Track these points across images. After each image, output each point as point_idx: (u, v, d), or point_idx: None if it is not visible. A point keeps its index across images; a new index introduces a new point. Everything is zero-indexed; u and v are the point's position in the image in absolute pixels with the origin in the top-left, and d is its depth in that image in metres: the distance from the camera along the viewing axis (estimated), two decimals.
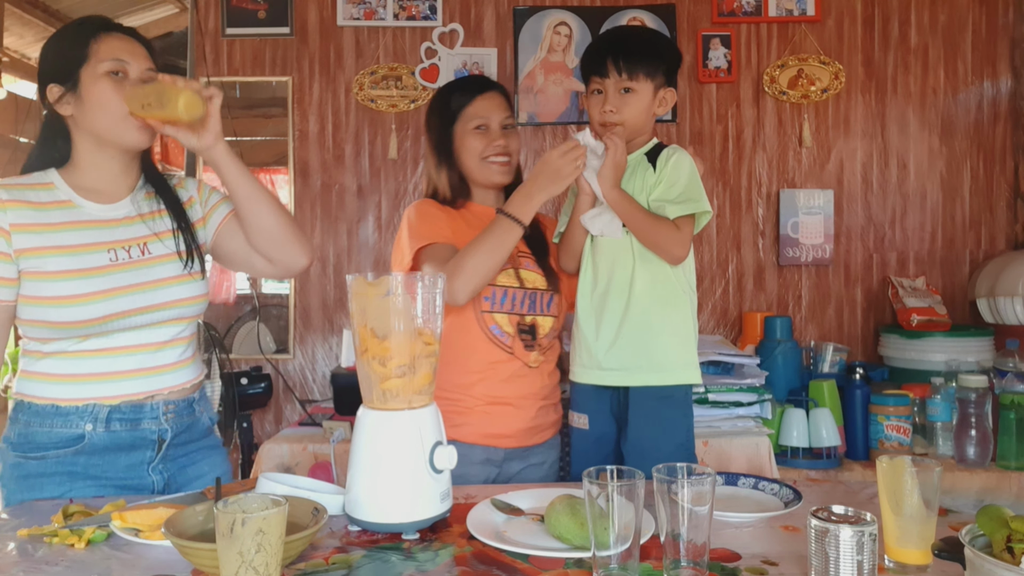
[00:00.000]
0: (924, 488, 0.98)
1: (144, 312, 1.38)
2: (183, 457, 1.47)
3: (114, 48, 1.38)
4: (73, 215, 1.38)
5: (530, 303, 1.68)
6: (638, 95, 1.61)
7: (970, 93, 3.13)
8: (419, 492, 1.15)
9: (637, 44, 1.64)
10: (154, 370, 1.41)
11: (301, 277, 3.16)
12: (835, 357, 2.86)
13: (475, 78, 1.81)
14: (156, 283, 1.40)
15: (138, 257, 1.40)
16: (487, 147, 1.68)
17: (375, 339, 1.17)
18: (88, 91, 1.35)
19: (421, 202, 1.72)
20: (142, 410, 1.40)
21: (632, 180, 1.64)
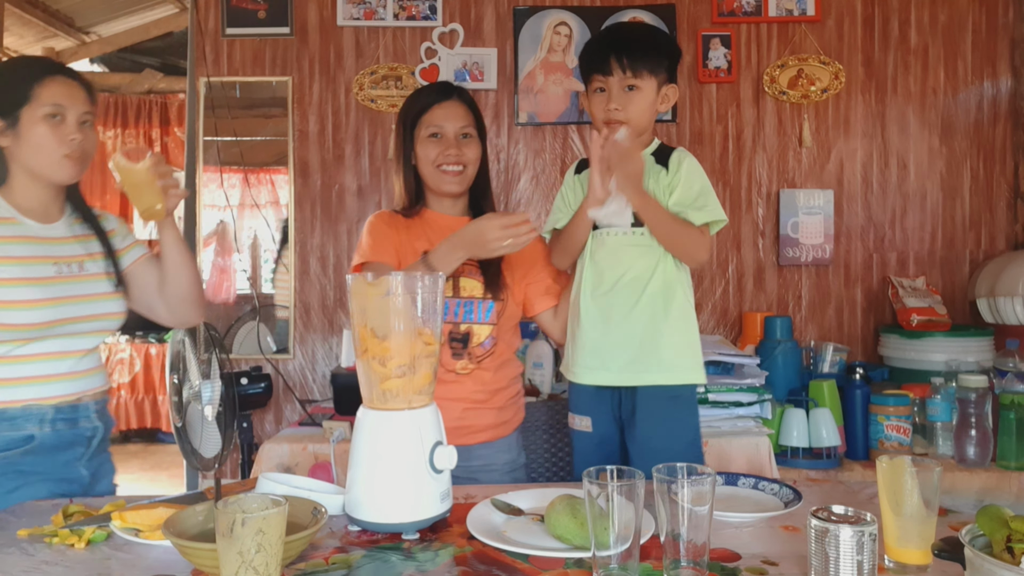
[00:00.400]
0: (924, 488, 0.98)
1: (81, 321, 1.52)
2: (100, 455, 1.61)
3: (55, 93, 1.49)
4: (18, 230, 1.50)
5: (465, 312, 1.69)
6: (642, 92, 1.61)
7: (970, 93, 3.13)
8: (419, 492, 1.15)
9: (640, 41, 1.63)
10: (82, 373, 1.54)
11: (301, 277, 3.16)
12: (835, 357, 2.86)
13: (439, 85, 1.79)
14: (92, 296, 1.55)
15: (77, 272, 1.54)
16: (439, 155, 1.69)
17: (375, 339, 1.17)
18: (27, 131, 1.48)
19: (377, 215, 1.76)
20: (78, 410, 1.52)
21: (646, 184, 1.62)
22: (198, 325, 1.65)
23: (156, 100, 6.19)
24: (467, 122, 1.72)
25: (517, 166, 3.16)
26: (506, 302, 1.74)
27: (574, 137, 3.14)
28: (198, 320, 1.67)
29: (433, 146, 1.70)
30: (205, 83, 3.14)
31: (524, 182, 3.16)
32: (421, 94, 1.77)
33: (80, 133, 1.51)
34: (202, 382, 1.55)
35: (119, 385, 5.46)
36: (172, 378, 1.56)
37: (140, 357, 5.48)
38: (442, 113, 1.71)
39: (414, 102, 1.75)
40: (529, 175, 3.16)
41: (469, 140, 1.72)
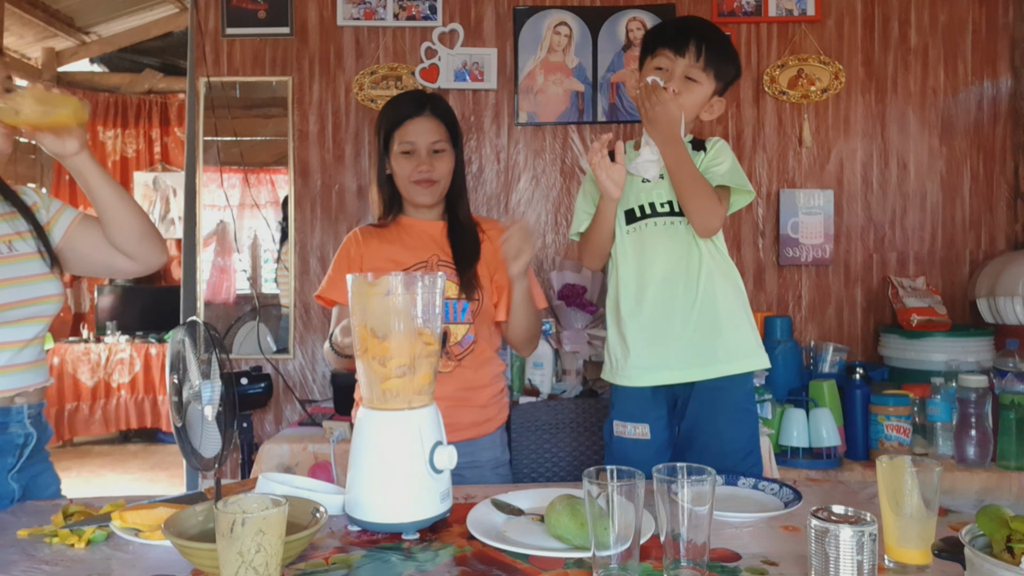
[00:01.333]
0: (924, 488, 0.98)
1: (14, 308, 1.40)
2: (33, 466, 1.47)
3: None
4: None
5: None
6: (701, 87, 1.61)
7: (970, 93, 3.13)
8: (419, 492, 1.15)
9: (720, 41, 1.64)
10: (19, 367, 1.42)
11: (301, 277, 3.16)
12: (835, 357, 2.86)
13: (412, 96, 1.80)
14: (23, 279, 1.42)
15: (6, 253, 1.41)
16: (413, 171, 1.74)
17: (375, 339, 1.17)
18: None
19: (347, 243, 1.83)
20: (9, 413, 1.40)
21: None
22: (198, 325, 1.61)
23: (156, 100, 6.19)
24: (439, 136, 1.76)
25: (517, 166, 3.16)
26: (481, 301, 1.77)
27: (574, 137, 3.14)
28: (163, 255, 1.56)
29: (406, 162, 1.75)
30: (205, 83, 3.14)
31: (524, 182, 3.16)
32: (395, 106, 1.79)
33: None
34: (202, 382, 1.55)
35: (119, 385, 5.46)
36: (172, 378, 1.55)
37: (140, 357, 5.49)
38: (414, 129, 1.75)
39: (388, 115, 1.78)
40: (529, 175, 3.16)
41: (441, 155, 1.76)
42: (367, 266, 1.77)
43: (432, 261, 1.77)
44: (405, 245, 1.79)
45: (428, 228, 1.82)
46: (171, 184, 6.09)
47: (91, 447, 5.64)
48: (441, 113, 1.79)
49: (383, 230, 1.82)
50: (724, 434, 1.58)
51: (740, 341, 1.60)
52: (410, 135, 1.75)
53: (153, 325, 5.66)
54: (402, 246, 1.78)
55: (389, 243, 1.79)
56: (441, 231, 1.82)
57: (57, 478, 1.54)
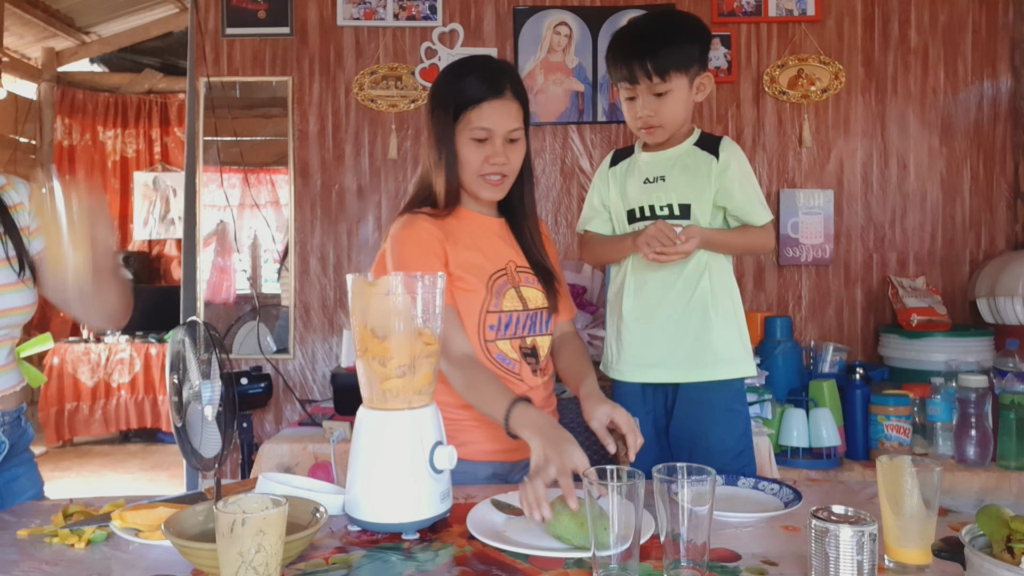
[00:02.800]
0: (924, 488, 0.98)
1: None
2: (8, 471, 1.39)
3: None
4: None
5: (531, 324, 1.56)
6: (674, 93, 1.57)
7: (970, 93, 3.13)
8: (419, 492, 1.15)
9: (663, 40, 1.55)
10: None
11: (301, 277, 3.17)
12: (835, 357, 2.86)
13: (490, 71, 1.48)
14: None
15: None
16: (484, 163, 1.48)
17: (375, 339, 1.17)
18: None
19: (414, 226, 1.50)
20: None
21: (695, 173, 1.61)
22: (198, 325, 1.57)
23: (156, 100, 6.19)
24: (518, 123, 1.49)
25: None
26: (558, 310, 1.64)
27: (574, 137, 3.14)
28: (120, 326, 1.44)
29: (477, 150, 1.47)
30: (205, 83, 3.14)
31: None
32: (468, 82, 1.47)
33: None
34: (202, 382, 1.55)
35: (119, 385, 5.46)
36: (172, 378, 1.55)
37: (140, 357, 5.48)
38: (492, 113, 1.46)
39: (458, 90, 1.47)
40: None
41: (516, 144, 1.50)
42: (453, 265, 1.49)
43: (511, 269, 1.54)
44: (480, 248, 1.53)
45: (493, 225, 1.58)
46: (171, 184, 6.10)
47: (91, 447, 5.64)
48: (520, 94, 1.51)
49: (446, 223, 1.52)
50: (711, 434, 1.60)
51: (729, 347, 1.62)
52: (486, 120, 1.45)
53: (153, 325, 5.65)
54: (477, 249, 1.52)
55: (465, 245, 1.52)
56: (502, 230, 1.60)
57: (38, 480, 1.45)
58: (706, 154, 1.61)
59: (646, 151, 1.69)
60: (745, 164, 1.62)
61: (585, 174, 3.15)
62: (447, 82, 1.51)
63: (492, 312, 1.51)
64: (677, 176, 1.61)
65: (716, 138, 1.64)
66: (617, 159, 1.73)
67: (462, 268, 1.49)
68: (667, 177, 1.62)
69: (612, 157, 1.74)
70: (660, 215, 1.62)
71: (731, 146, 1.63)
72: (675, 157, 1.64)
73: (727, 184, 1.60)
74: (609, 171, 1.72)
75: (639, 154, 1.70)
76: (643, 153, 1.69)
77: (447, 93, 1.49)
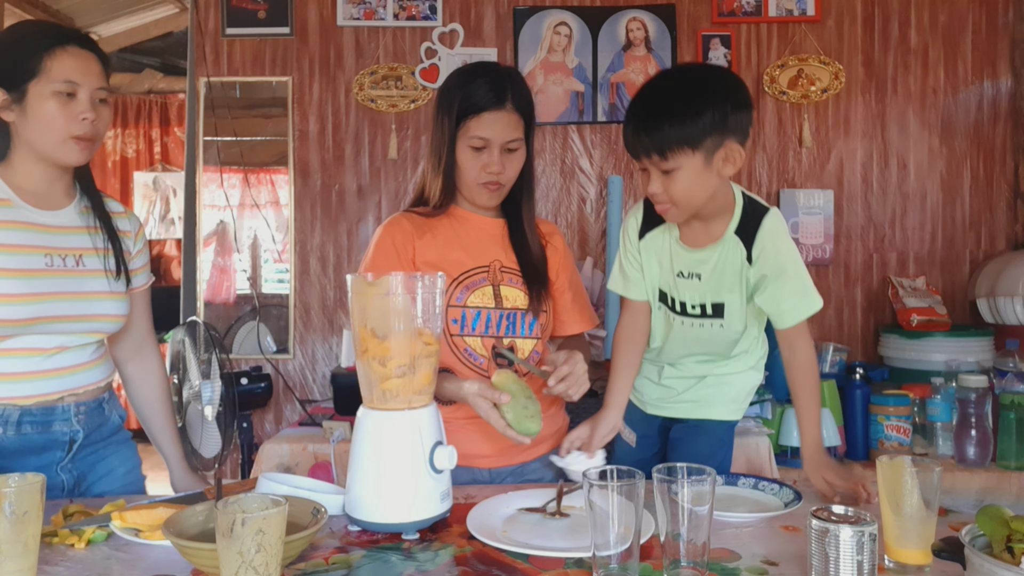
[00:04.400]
0: (924, 488, 0.98)
1: (70, 320, 1.39)
2: (92, 455, 1.48)
3: (67, 67, 1.34)
4: (11, 214, 1.37)
5: (508, 324, 1.54)
6: (683, 171, 1.32)
7: (970, 93, 3.13)
8: (419, 492, 1.15)
9: (667, 112, 1.31)
10: (68, 370, 1.41)
11: (301, 277, 3.17)
12: (835, 357, 2.86)
13: (492, 82, 1.49)
14: (87, 295, 1.41)
15: (72, 267, 1.40)
16: (480, 172, 1.50)
17: (375, 339, 1.17)
18: (34, 107, 1.34)
19: (389, 226, 1.56)
20: (53, 412, 1.40)
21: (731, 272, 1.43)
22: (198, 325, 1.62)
23: (156, 100, 6.19)
24: (517, 134, 1.51)
25: None
26: (549, 313, 1.61)
27: (574, 137, 3.14)
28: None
29: (474, 157, 1.50)
30: (205, 83, 3.14)
31: None
32: (471, 90, 1.49)
33: (93, 112, 1.36)
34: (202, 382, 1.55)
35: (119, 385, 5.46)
36: (172, 378, 1.55)
37: None
38: (490, 123, 1.48)
39: (461, 98, 1.49)
40: None
41: (515, 154, 1.52)
42: (420, 262, 1.53)
43: (494, 267, 1.55)
44: (463, 245, 1.55)
45: (486, 226, 1.59)
46: (171, 184, 6.09)
47: None
48: (522, 105, 1.52)
49: (433, 220, 1.56)
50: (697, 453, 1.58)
51: (738, 400, 1.62)
52: (485, 129, 1.48)
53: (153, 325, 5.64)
54: (460, 246, 1.55)
55: (445, 241, 1.55)
56: (500, 231, 1.60)
57: (130, 458, 1.55)
58: (743, 249, 1.40)
59: (684, 239, 1.47)
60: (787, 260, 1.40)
61: (585, 174, 3.15)
62: (452, 88, 1.52)
63: (454, 307, 1.51)
64: (713, 277, 1.44)
65: (758, 220, 1.40)
66: (646, 227, 1.51)
67: (428, 264, 1.52)
68: (703, 276, 1.45)
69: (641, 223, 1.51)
70: (692, 314, 1.50)
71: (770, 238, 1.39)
72: (712, 257, 1.43)
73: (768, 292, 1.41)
74: (640, 243, 1.51)
75: (672, 231, 1.48)
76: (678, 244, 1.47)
77: (451, 100, 1.51)
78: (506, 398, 1.32)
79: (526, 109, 1.53)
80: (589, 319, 1.69)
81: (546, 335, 1.62)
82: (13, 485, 0.93)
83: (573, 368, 1.37)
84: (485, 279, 1.54)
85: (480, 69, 1.54)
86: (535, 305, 1.56)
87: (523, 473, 1.59)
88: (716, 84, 1.33)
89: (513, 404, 1.32)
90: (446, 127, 1.51)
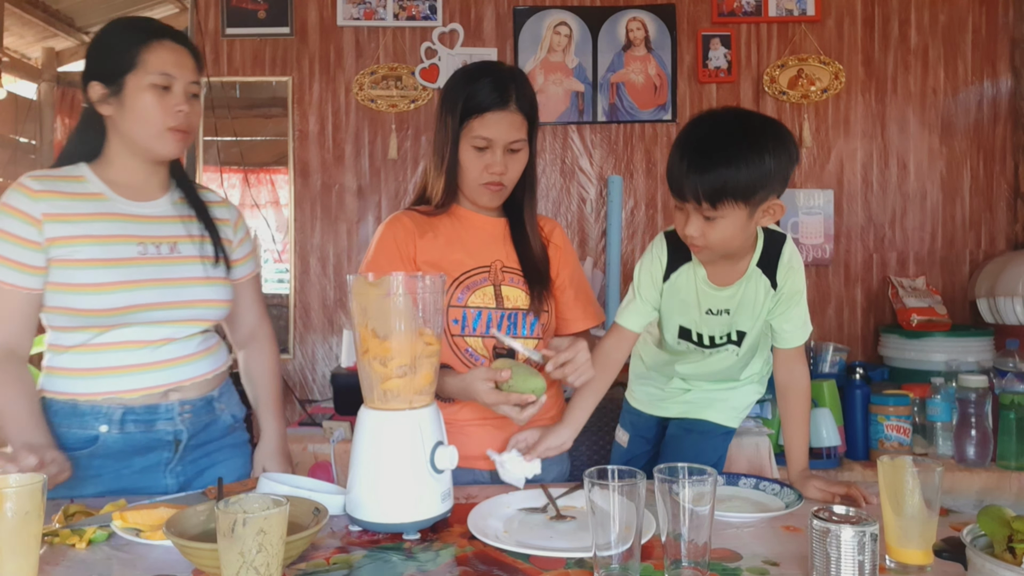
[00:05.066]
0: (925, 488, 0.98)
1: (167, 308, 1.39)
2: (203, 458, 1.47)
3: (163, 60, 1.37)
4: (105, 207, 1.39)
5: (510, 324, 1.53)
6: (726, 220, 1.30)
7: (970, 93, 3.13)
8: (420, 492, 1.15)
9: (724, 159, 1.26)
10: (172, 362, 1.41)
11: (301, 277, 3.16)
12: (835, 357, 2.86)
13: (495, 82, 1.48)
14: (182, 281, 1.42)
15: (167, 254, 1.41)
16: (483, 172, 1.49)
17: (376, 339, 1.17)
18: (131, 99, 1.37)
19: (391, 224, 1.56)
20: (156, 410, 1.40)
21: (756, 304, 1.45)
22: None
23: None
24: (520, 135, 1.50)
25: None
26: (550, 314, 1.60)
27: (574, 137, 3.14)
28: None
29: (477, 157, 1.49)
30: (205, 83, 3.14)
31: None
32: (474, 90, 1.48)
33: (187, 104, 1.39)
34: None
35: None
36: None
37: None
38: (494, 123, 1.47)
39: (465, 98, 1.48)
40: None
41: (517, 154, 1.52)
42: (421, 262, 1.52)
43: (495, 267, 1.55)
44: (464, 245, 1.55)
45: (488, 225, 1.58)
46: None
47: None
48: (525, 105, 1.50)
49: (435, 220, 1.56)
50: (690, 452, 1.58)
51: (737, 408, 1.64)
52: (488, 129, 1.47)
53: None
54: (461, 246, 1.54)
55: (447, 241, 1.54)
56: (502, 230, 1.59)
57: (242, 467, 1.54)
58: (766, 280, 1.43)
59: (712, 279, 1.46)
60: (800, 284, 1.45)
61: (585, 174, 3.15)
62: (455, 88, 1.52)
63: (455, 307, 1.51)
64: (740, 310, 1.46)
65: (777, 249, 1.43)
66: (671, 268, 1.48)
67: (429, 264, 1.52)
68: (731, 311, 1.47)
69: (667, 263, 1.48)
70: (720, 343, 1.52)
71: (790, 265, 1.43)
72: (739, 293, 1.45)
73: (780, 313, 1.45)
74: (664, 285, 1.49)
75: (699, 271, 1.46)
76: (707, 284, 1.47)
77: (454, 99, 1.50)
78: (506, 374, 1.32)
79: (530, 110, 1.52)
80: (594, 315, 1.68)
81: (548, 335, 1.61)
82: (14, 485, 0.93)
83: (575, 354, 1.37)
84: (486, 279, 1.54)
85: (484, 69, 1.53)
86: (536, 305, 1.55)
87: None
88: (777, 141, 1.30)
89: (514, 375, 1.33)
90: (449, 126, 1.51)
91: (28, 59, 5.68)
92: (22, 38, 5.31)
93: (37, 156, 5.78)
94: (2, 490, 0.91)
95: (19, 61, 5.52)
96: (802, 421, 1.47)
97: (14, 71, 5.38)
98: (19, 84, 5.56)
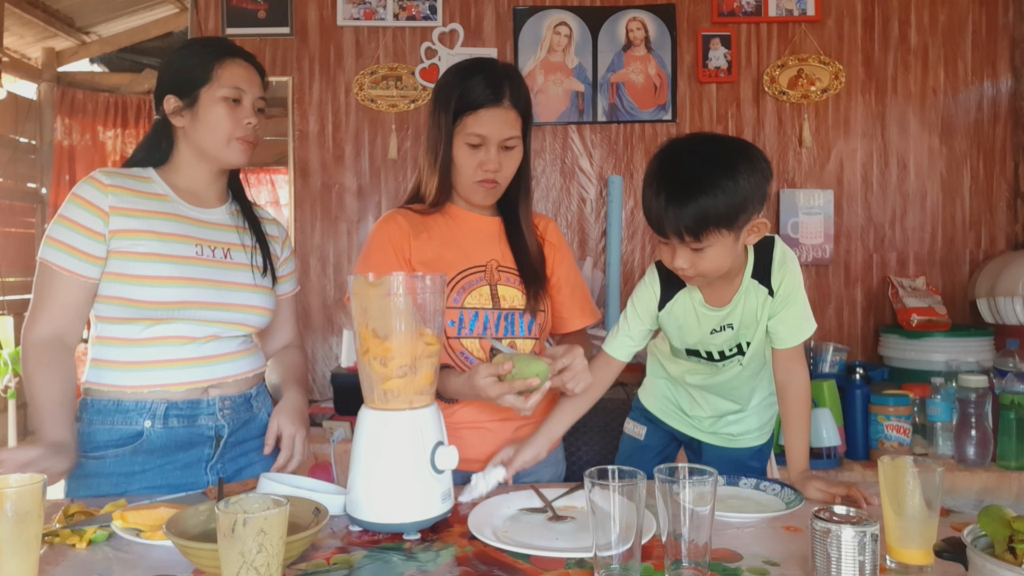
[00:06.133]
0: (926, 488, 0.98)
1: (216, 308, 1.45)
2: (241, 456, 1.52)
3: (235, 75, 1.49)
4: (168, 207, 1.47)
5: (507, 325, 1.52)
6: (714, 248, 1.30)
7: (970, 93, 3.13)
8: (420, 492, 1.15)
9: (699, 190, 1.26)
10: (215, 358, 1.47)
11: (301, 277, 3.16)
12: (835, 357, 2.86)
13: (489, 78, 1.47)
14: (232, 285, 1.48)
15: (221, 258, 1.49)
16: (477, 170, 1.48)
17: (376, 339, 1.17)
18: (204, 111, 1.46)
19: (384, 224, 1.55)
20: (199, 406, 1.45)
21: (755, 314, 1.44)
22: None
23: None
24: (514, 132, 1.48)
25: None
26: (546, 313, 1.59)
27: (574, 137, 3.14)
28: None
29: (471, 155, 1.48)
30: None
31: None
32: (468, 87, 1.47)
33: (255, 118, 1.51)
34: None
35: None
36: None
37: None
38: (488, 120, 1.46)
39: (458, 95, 1.47)
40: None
41: (511, 152, 1.50)
42: (416, 262, 1.51)
43: (491, 267, 1.54)
44: (459, 245, 1.54)
45: (482, 224, 1.58)
46: None
47: None
48: (519, 102, 1.49)
49: (429, 219, 1.55)
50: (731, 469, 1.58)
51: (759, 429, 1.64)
52: (482, 127, 1.46)
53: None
54: (456, 246, 1.54)
55: (441, 241, 1.54)
56: (497, 229, 1.59)
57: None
58: (763, 289, 1.43)
59: (709, 301, 1.46)
60: (797, 283, 1.43)
61: (585, 174, 3.15)
62: (448, 85, 1.50)
63: (452, 308, 1.50)
64: (743, 322, 1.46)
65: (768, 254, 1.42)
66: (665, 298, 1.49)
67: (425, 264, 1.51)
68: (735, 325, 1.47)
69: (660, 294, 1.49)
70: (730, 355, 1.51)
71: (782, 265, 1.42)
72: (738, 307, 1.45)
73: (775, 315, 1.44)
74: (660, 315, 1.50)
75: (694, 295, 1.47)
76: (704, 307, 1.47)
77: (448, 96, 1.49)
78: (508, 366, 1.32)
79: (524, 107, 1.51)
80: (590, 313, 1.67)
81: (544, 335, 1.61)
82: (14, 485, 0.93)
83: (572, 361, 1.36)
84: (482, 279, 1.53)
85: (478, 66, 1.51)
86: (532, 304, 1.54)
87: (524, 474, 1.59)
88: (747, 163, 1.29)
89: (515, 363, 1.32)
90: (443, 124, 1.49)
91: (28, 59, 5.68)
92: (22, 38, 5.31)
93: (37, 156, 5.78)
94: (2, 490, 0.91)
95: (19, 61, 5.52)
96: (802, 421, 1.47)
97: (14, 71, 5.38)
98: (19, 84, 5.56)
